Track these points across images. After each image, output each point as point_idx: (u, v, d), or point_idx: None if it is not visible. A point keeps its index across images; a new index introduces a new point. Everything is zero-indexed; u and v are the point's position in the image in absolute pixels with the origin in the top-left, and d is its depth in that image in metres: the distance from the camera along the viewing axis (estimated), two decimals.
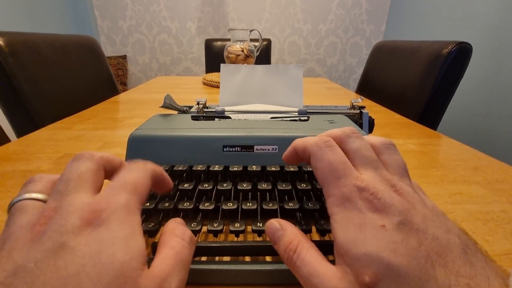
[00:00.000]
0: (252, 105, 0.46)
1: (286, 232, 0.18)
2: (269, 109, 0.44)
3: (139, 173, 0.17)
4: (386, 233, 0.15)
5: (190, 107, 0.45)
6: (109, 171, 0.18)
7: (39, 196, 0.15)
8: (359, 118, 0.43)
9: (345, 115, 0.41)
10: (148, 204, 0.26)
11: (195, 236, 0.24)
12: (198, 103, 0.45)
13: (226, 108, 0.43)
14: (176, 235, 0.16)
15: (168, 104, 0.39)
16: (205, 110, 0.44)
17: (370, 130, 0.43)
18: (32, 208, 0.14)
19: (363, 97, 0.47)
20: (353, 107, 0.46)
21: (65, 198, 0.14)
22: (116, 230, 0.13)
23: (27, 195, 0.15)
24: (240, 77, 0.47)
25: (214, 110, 0.43)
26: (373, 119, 0.44)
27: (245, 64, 0.55)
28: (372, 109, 0.81)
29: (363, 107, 0.44)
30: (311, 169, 0.29)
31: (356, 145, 0.19)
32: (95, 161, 0.16)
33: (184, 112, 0.42)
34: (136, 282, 0.12)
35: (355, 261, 0.14)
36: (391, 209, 0.15)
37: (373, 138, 0.20)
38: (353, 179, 0.17)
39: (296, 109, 0.43)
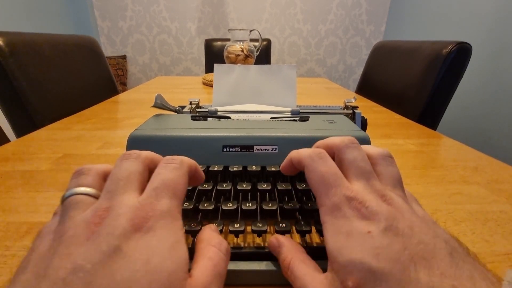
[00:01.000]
0: (244, 105, 0.46)
1: (282, 249, 0.19)
2: (262, 109, 0.44)
3: (178, 172, 0.17)
4: (372, 239, 0.15)
5: (183, 107, 0.45)
6: (152, 170, 0.18)
7: (91, 191, 0.16)
8: (351, 118, 0.43)
9: (343, 115, 0.41)
10: None
11: (194, 237, 0.24)
12: (190, 103, 0.45)
13: (219, 108, 0.43)
14: (213, 246, 0.17)
15: (160, 104, 0.39)
16: (198, 110, 0.44)
17: (363, 130, 0.44)
18: (85, 205, 0.15)
19: (356, 97, 0.47)
20: (346, 107, 0.46)
21: (115, 198, 0.15)
22: (162, 238, 0.14)
23: (81, 190, 0.16)
24: (233, 77, 0.47)
25: (206, 110, 0.43)
26: (366, 119, 0.44)
27: (238, 64, 0.55)
28: (372, 109, 0.81)
29: (356, 107, 0.44)
30: None
31: (353, 155, 0.19)
32: (142, 161, 0.17)
33: (176, 111, 0.42)
34: None
35: (341, 268, 0.15)
36: (378, 216, 0.16)
37: (371, 149, 0.21)
38: (343, 189, 0.17)
39: (289, 109, 0.43)
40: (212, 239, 0.17)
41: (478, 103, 1.51)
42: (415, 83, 0.88)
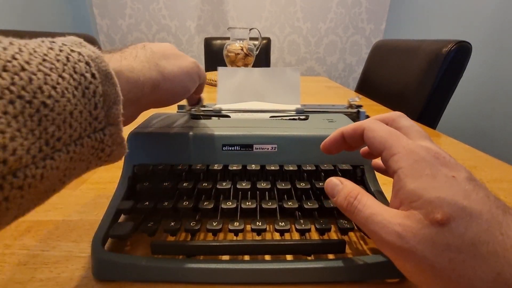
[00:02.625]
0: (249, 103, 0.46)
1: (345, 186, 0.20)
2: (267, 107, 0.44)
3: None
4: (458, 182, 0.16)
5: (182, 106, 0.45)
6: None
7: None
8: (356, 117, 0.43)
9: (343, 114, 0.41)
10: (147, 203, 0.26)
11: (194, 235, 0.24)
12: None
13: (223, 107, 0.43)
14: None
15: None
16: (202, 109, 0.44)
17: None
18: None
19: (360, 96, 0.47)
20: (350, 106, 0.46)
21: None
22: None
23: None
24: (237, 80, 0.47)
25: (211, 109, 0.43)
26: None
27: (242, 67, 0.55)
28: (372, 108, 0.81)
29: (360, 106, 0.44)
30: (310, 168, 0.29)
31: (409, 123, 0.21)
32: None
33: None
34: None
35: (428, 204, 0.15)
36: (458, 166, 0.17)
37: None
38: (416, 141, 0.19)
39: (294, 108, 0.43)
40: None
41: (477, 102, 1.51)
42: (415, 82, 0.88)
